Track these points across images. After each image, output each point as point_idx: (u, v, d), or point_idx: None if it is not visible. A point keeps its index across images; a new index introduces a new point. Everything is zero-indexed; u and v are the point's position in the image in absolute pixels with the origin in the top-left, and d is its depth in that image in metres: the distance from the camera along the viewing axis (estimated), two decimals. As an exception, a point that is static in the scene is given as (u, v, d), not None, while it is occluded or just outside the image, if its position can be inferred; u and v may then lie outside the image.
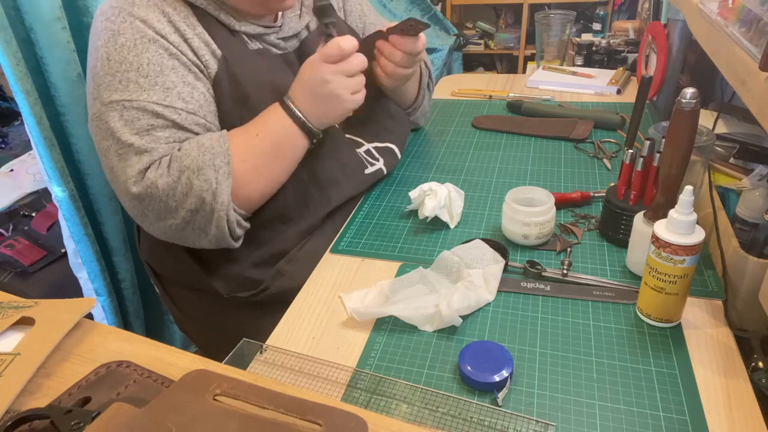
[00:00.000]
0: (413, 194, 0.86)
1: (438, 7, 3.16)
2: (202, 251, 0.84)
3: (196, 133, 0.78)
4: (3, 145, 1.97)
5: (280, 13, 0.91)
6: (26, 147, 1.87)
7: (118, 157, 0.74)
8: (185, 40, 0.78)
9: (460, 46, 3.28)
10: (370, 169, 0.95)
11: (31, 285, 1.35)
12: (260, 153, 0.79)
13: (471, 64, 3.73)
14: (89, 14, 1.06)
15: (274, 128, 0.80)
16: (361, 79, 0.82)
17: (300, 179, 0.85)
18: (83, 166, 1.10)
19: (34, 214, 1.51)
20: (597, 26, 2.56)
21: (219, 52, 0.81)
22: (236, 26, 0.84)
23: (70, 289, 1.21)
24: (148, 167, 0.74)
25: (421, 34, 0.86)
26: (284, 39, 0.91)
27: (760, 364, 0.58)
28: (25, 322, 0.49)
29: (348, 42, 0.78)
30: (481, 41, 3.58)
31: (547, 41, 1.63)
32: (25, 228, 1.48)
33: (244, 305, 0.88)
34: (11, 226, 1.49)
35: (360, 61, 0.80)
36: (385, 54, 0.88)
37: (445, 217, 0.84)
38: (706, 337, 0.63)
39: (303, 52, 0.92)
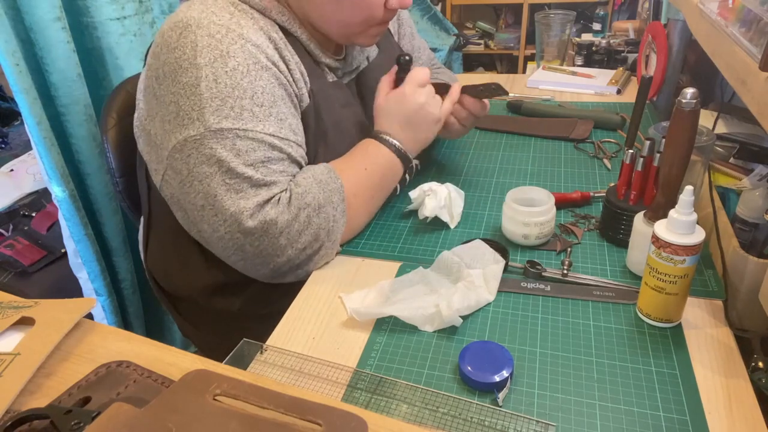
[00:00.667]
0: (413, 194, 0.86)
1: (438, 7, 3.16)
2: (218, 271, 0.83)
3: (302, 165, 0.78)
4: (3, 145, 1.97)
5: (344, 46, 0.91)
6: (26, 147, 1.87)
7: (227, 187, 0.70)
8: (289, 70, 0.76)
9: (460, 46, 3.29)
10: (398, 190, 0.96)
11: (31, 285, 1.35)
12: (370, 187, 0.81)
13: (471, 64, 3.73)
14: (89, 14, 1.06)
15: (380, 162, 0.82)
16: (448, 108, 0.87)
17: None
18: (83, 166, 1.10)
19: (34, 214, 1.51)
20: (597, 26, 2.56)
21: (309, 85, 0.79)
22: (321, 57, 0.83)
23: (70, 289, 1.21)
24: (267, 201, 0.72)
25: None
26: (347, 72, 0.91)
27: (760, 364, 0.58)
28: (25, 322, 0.49)
29: (425, 71, 0.84)
30: (481, 41, 3.58)
31: (547, 41, 1.63)
32: (25, 228, 1.48)
33: (254, 317, 0.87)
34: (11, 226, 1.49)
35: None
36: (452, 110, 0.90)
37: (445, 217, 0.84)
38: (706, 337, 0.63)
39: (360, 82, 0.93)
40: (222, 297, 0.87)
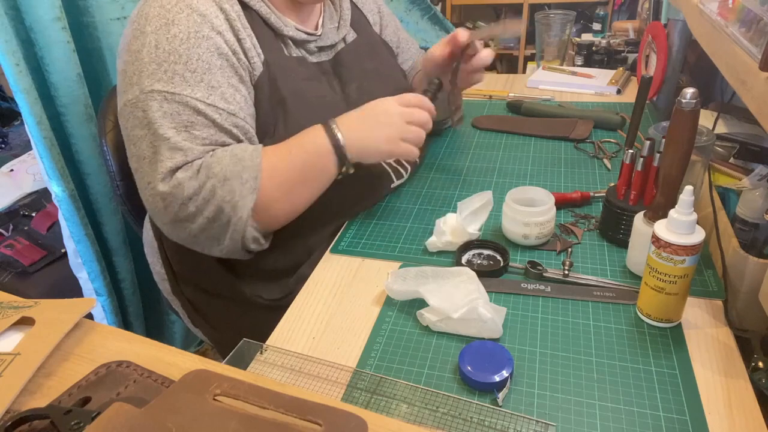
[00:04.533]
0: (432, 240, 0.81)
1: (438, 7, 3.15)
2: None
3: (234, 135, 0.77)
4: (3, 145, 1.97)
5: (320, 22, 0.93)
6: (26, 147, 1.87)
7: (153, 150, 0.73)
8: (239, 40, 0.78)
9: (460, 46, 3.28)
10: (396, 183, 0.96)
11: (31, 285, 1.35)
12: (288, 170, 0.78)
13: (471, 64, 3.72)
14: (89, 14, 1.06)
15: (309, 148, 0.78)
16: (417, 136, 0.82)
17: (329, 193, 0.85)
18: (83, 166, 1.10)
19: (34, 214, 1.51)
20: (597, 26, 2.55)
21: (263, 56, 0.81)
22: (283, 30, 0.84)
23: (70, 289, 1.21)
24: (180, 167, 0.73)
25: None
26: (322, 48, 0.92)
27: (760, 364, 0.58)
28: (25, 322, 0.49)
29: (427, 101, 0.84)
30: (482, 41, 3.58)
31: (547, 41, 1.63)
32: (25, 228, 1.48)
33: (265, 309, 0.87)
34: (11, 226, 1.49)
35: (424, 117, 0.83)
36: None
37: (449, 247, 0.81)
38: (706, 337, 0.63)
39: (338, 62, 0.94)
40: (230, 282, 0.87)
